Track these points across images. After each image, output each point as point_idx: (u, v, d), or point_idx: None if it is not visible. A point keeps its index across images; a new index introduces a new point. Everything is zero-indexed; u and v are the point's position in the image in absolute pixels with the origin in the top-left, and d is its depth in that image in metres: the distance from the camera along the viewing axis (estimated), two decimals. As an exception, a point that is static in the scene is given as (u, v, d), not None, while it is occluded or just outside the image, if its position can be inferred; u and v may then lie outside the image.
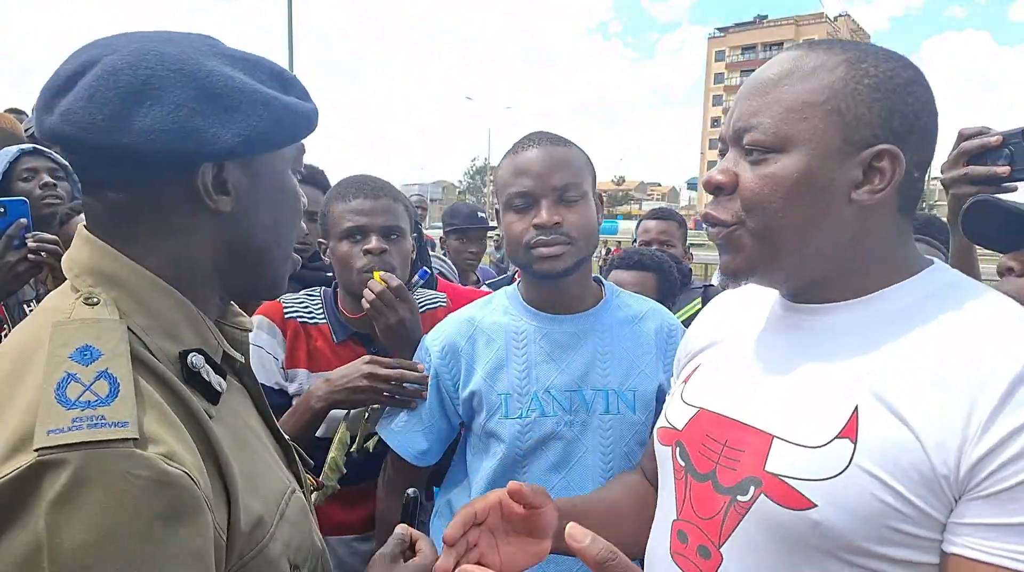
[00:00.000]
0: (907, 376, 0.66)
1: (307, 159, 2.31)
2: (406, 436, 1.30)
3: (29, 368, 0.59)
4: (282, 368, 1.43)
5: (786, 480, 0.69)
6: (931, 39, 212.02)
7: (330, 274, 2.09)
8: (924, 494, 0.63)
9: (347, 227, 1.39)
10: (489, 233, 3.33)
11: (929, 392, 0.64)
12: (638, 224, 2.92)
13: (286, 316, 1.45)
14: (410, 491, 0.98)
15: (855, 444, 0.66)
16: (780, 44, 73.06)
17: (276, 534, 0.69)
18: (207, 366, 0.69)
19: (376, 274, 1.34)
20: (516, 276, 2.61)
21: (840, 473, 0.65)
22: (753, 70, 0.80)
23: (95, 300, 0.64)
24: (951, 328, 0.67)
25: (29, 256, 1.53)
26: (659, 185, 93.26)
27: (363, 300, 1.34)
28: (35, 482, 0.53)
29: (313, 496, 1.29)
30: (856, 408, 0.67)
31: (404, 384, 1.29)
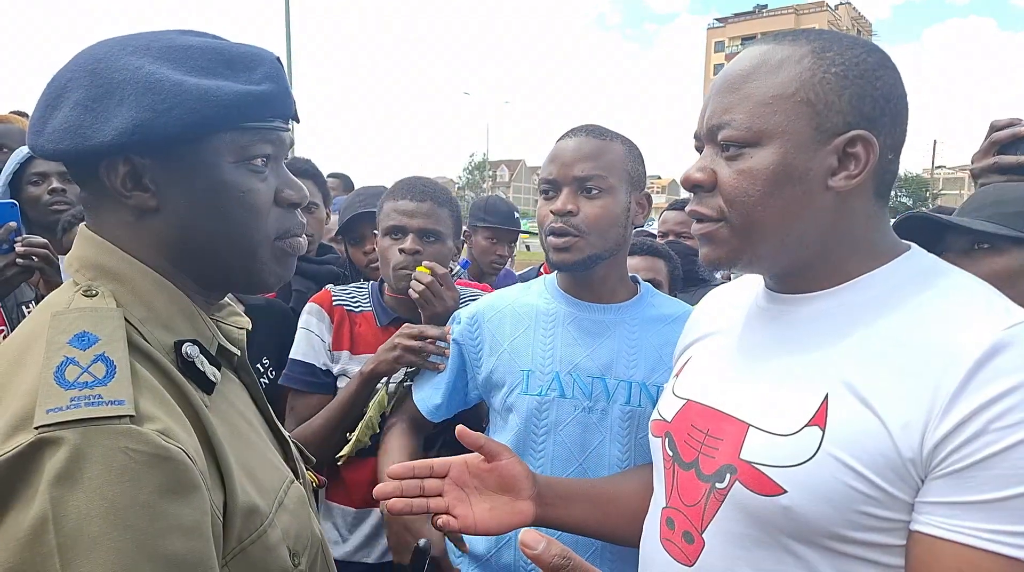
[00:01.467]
0: (875, 363, 0.68)
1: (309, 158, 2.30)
2: (425, 389, 1.40)
3: (29, 356, 0.61)
4: (329, 350, 1.53)
5: (758, 467, 0.71)
6: (933, 27, 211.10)
7: (334, 268, 2.10)
8: (891, 478, 0.64)
9: (389, 225, 1.50)
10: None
11: (895, 377, 0.66)
12: (659, 215, 2.98)
13: (334, 303, 1.56)
14: (421, 542, 1.01)
15: (824, 431, 0.68)
16: (779, 34, 72.76)
17: (275, 521, 0.71)
18: (201, 357, 0.71)
19: (422, 266, 1.43)
20: (542, 270, 2.61)
21: (809, 460, 0.68)
22: None
23: (93, 292, 0.67)
24: (918, 314, 0.69)
25: (18, 260, 1.52)
26: (659, 178, 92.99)
27: (411, 290, 1.43)
28: (36, 459, 0.55)
29: (344, 450, 1.42)
30: (826, 396, 0.70)
31: (431, 344, 1.39)
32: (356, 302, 1.58)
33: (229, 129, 0.69)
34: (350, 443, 1.43)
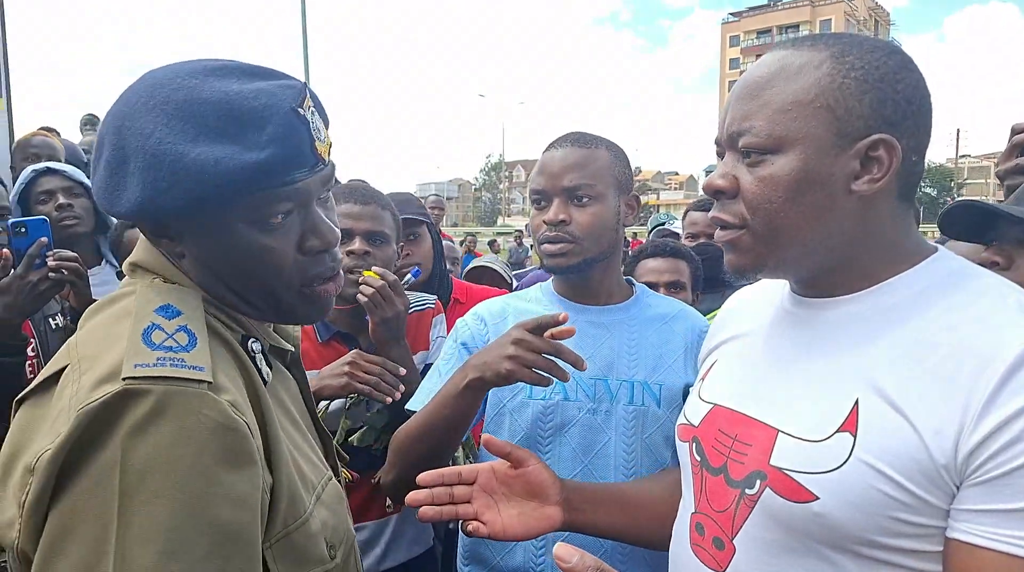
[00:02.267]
0: (905, 367, 0.68)
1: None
2: (426, 394, 1.34)
3: (121, 325, 0.67)
4: None
5: (789, 473, 0.71)
6: (954, 15, 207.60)
7: None
8: (924, 483, 0.64)
9: None
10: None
11: (926, 382, 0.66)
12: (684, 214, 2.89)
13: None
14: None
15: (855, 437, 0.68)
16: (796, 27, 71.96)
17: (314, 513, 0.74)
18: (261, 354, 0.76)
19: (369, 271, 1.42)
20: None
21: (840, 466, 0.67)
22: None
23: (172, 280, 0.73)
24: (949, 317, 0.68)
25: (50, 274, 1.55)
26: (676, 174, 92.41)
27: (359, 295, 1.41)
28: (120, 408, 0.60)
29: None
30: (856, 401, 0.69)
31: (383, 380, 1.37)
32: None
33: (235, 199, 0.68)
34: None
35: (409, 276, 1.60)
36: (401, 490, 1.31)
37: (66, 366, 0.66)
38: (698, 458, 0.86)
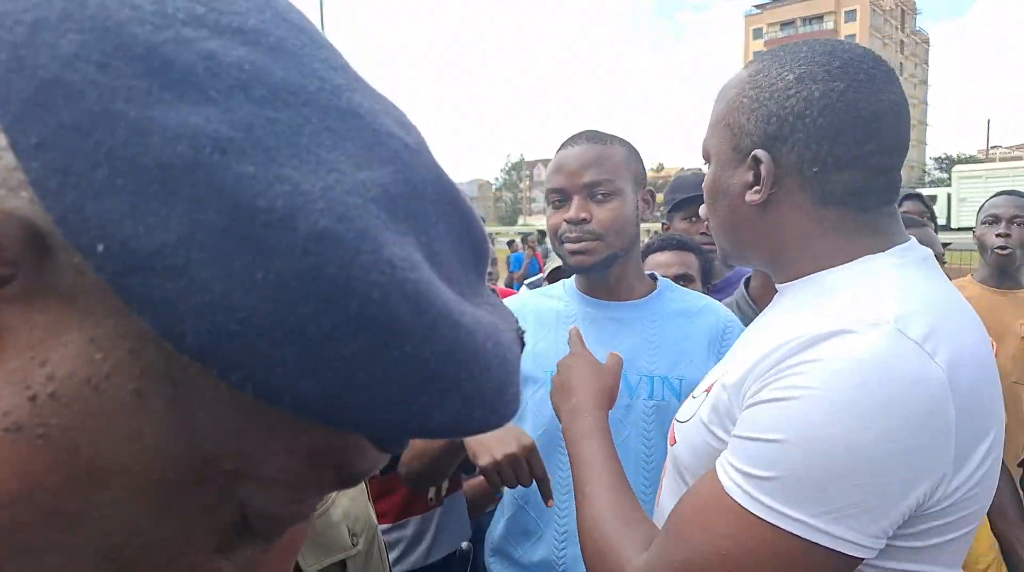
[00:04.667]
0: (742, 357, 0.76)
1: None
2: None
3: None
4: None
5: (674, 422, 0.87)
6: (980, 1, 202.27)
7: None
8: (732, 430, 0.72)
9: None
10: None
11: (741, 356, 0.76)
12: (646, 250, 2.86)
13: None
14: (464, 545, 1.02)
15: (707, 396, 0.79)
16: (820, 17, 70.92)
17: (336, 500, 0.75)
18: None
19: None
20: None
21: (690, 419, 0.80)
22: None
23: None
24: (800, 309, 0.74)
25: None
26: (700, 170, 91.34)
27: None
28: None
29: None
30: (717, 379, 0.79)
31: None
32: None
33: None
34: None
35: None
36: (421, 483, 1.33)
37: None
38: None
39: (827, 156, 0.74)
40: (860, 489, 0.60)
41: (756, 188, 0.77)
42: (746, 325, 1.01)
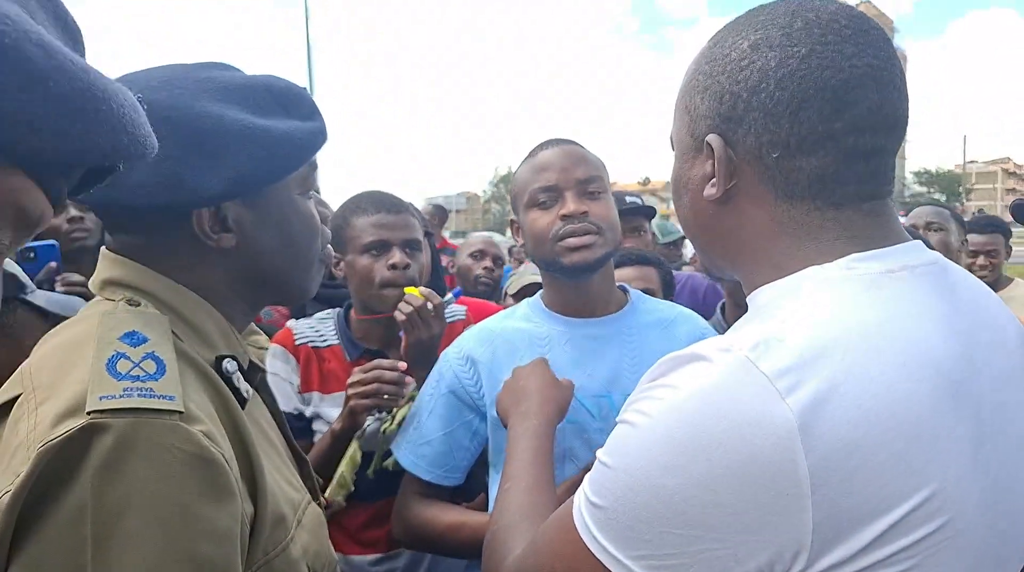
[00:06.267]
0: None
1: (323, 172, 2.31)
2: (421, 461, 1.22)
3: (80, 353, 0.62)
4: (298, 392, 1.45)
5: None
6: (956, 21, 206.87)
7: (345, 290, 2.06)
8: None
9: (370, 241, 1.41)
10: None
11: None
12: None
13: (296, 342, 1.47)
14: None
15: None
16: (801, 34, 71.64)
17: (296, 538, 0.71)
18: (238, 372, 0.72)
19: (415, 289, 1.36)
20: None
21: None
22: None
23: (137, 302, 0.68)
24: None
25: None
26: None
27: (397, 312, 1.35)
28: (85, 444, 0.54)
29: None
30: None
31: (384, 383, 1.27)
32: (322, 336, 1.48)
33: (297, 168, 0.74)
34: (325, 509, 1.25)
35: (450, 296, 1.54)
36: (323, 473, 1.24)
37: (19, 395, 0.61)
38: None
39: (788, 137, 0.59)
40: (673, 539, 0.52)
41: (713, 181, 0.64)
42: None
